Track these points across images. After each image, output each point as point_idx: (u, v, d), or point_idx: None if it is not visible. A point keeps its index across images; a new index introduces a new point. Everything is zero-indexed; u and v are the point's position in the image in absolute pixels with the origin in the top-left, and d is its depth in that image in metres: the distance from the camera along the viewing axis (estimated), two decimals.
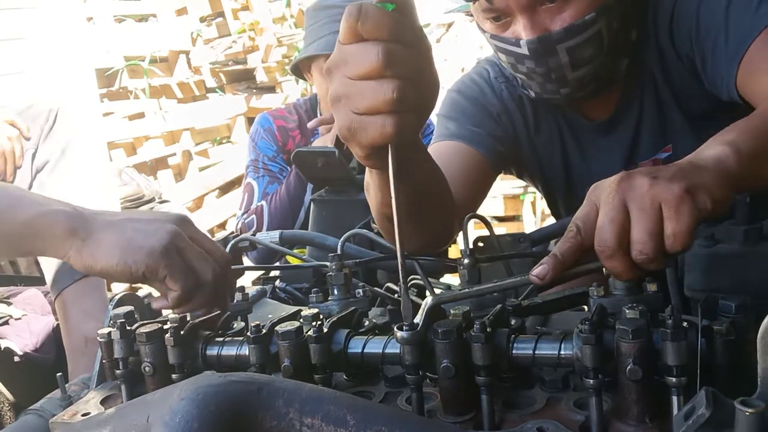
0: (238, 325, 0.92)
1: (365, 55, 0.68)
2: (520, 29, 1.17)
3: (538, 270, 0.74)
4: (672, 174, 0.70)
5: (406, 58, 0.69)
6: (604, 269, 0.73)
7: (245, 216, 2.06)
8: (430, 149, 1.29)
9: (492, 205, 4.60)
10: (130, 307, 0.91)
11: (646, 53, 1.26)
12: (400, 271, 0.74)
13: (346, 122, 0.72)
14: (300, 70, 2.13)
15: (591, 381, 0.65)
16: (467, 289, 0.81)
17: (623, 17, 1.21)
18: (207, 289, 0.89)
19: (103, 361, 0.90)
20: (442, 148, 1.32)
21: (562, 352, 0.69)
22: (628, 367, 0.64)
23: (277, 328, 0.78)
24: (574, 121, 1.37)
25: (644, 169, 0.73)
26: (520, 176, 1.53)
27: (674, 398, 0.64)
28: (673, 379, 0.63)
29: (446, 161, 1.21)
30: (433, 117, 1.27)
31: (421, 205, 0.97)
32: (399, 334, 0.71)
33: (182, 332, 0.82)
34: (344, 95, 0.71)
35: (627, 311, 0.68)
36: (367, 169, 0.87)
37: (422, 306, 0.72)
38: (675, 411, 0.63)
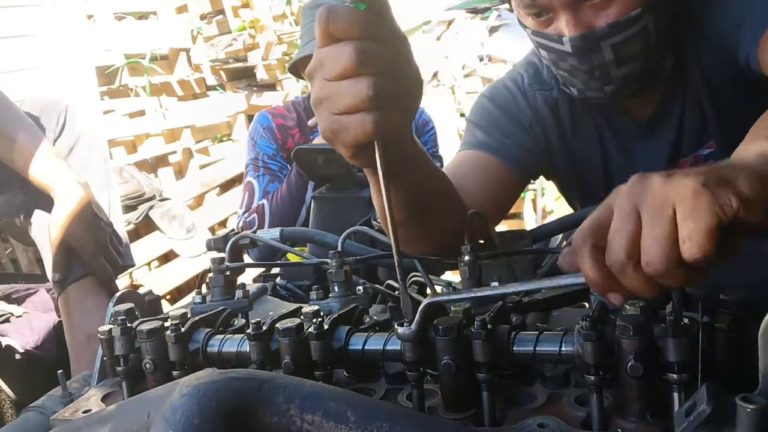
0: (239, 322, 0.92)
1: (339, 55, 0.68)
2: (563, 26, 1.15)
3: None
4: (691, 171, 0.59)
5: (381, 55, 0.69)
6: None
7: (246, 215, 2.06)
8: (457, 157, 1.31)
9: None
10: (130, 304, 0.91)
11: (688, 49, 1.24)
12: (397, 269, 0.74)
13: (328, 124, 0.72)
14: (298, 69, 2.13)
15: (592, 377, 0.65)
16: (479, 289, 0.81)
17: (670, 13, 1.18)
18: None
19: (104, 358, 0.90)
20: (468, 158, 1.30)
21: (562, 349, 0.69)
22: (629, 364, 0.64)
23: (277, 325, 0.78)
24: (615, 122, 1.34)
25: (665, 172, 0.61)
26: (549, 179, 1.50)
27: (675, 395, 0.64)
28: (674, 376, 0.63)
29: (470, 171, 1.24)
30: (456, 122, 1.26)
31: (422, 204, 0.95)
32: (399, 330, 0.71)
33: (183, 329, 0.82)
34: (324, 97, 0.71)
35: (628, 307, 0.68)
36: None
37: (421, 305, 0.72)
38: (676, 407, 0.63)
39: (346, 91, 0.69)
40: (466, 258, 0.88)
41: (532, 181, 1.43)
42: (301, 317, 0.81)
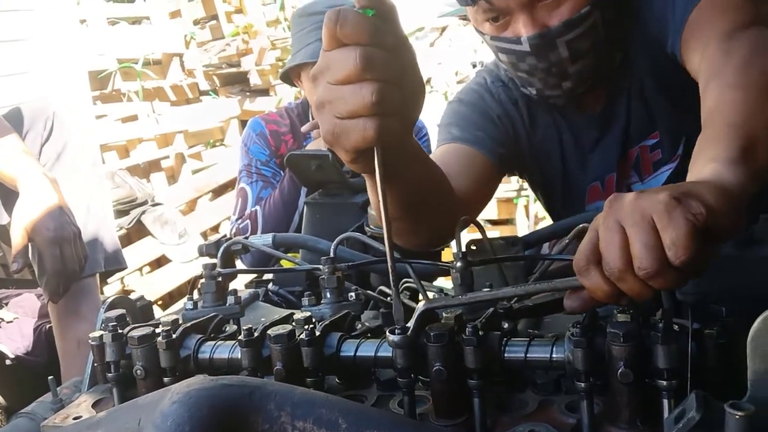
0: (231, 328, 0.92)
1: (345, 60, 0.68)
2: (520, 27, 1.20)
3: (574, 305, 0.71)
4: (660, 188, 0.66)
5: (386, 61, 0.69)
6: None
7: (239, 221, 2.05)
8: (434, 153, 1.33)
9: (486, 209, 4.59)
10: (122, 311, 0.91)
11: (633, 43, 1.29)
12: (390, 275, 0.74)
13: (329, 127, 0.72)
14: (290, 77, 2.13)
15: (582, 384, 0.65)
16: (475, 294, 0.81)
17: (615, 9, 1.24)
18: None
19: (95, 364, 0.90)
20: (446, 151, 1.33)
21: (553, 356, 0.70)
22: (620, 370, 0.64)
23: (269, 331, 0.78)
24: (570, 118, 1.39)
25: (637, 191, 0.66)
26: (522, 177, 1.55)
27: (665, 401, 0.64)
28: (664, 383, 0.64)
29: (450, 163, 1.25)
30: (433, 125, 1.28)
31: (418, 203, 0.97)
32: (390, 337, 0.71)
33: (174, 335, 0.82)
34: (327, 101, 0.72)
35: (618, 314, 0.68)
36: None
37: (415, 310, 0.72)
38: (666, 414, 0.64)
39: (350, 96, 0.69)
40: (458, 264, 0.88)
41: (507, 175, 1.47)
42: (293, 323, 0.81)
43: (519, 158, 1.43)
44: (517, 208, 4.59)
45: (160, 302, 3.95)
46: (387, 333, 0.71)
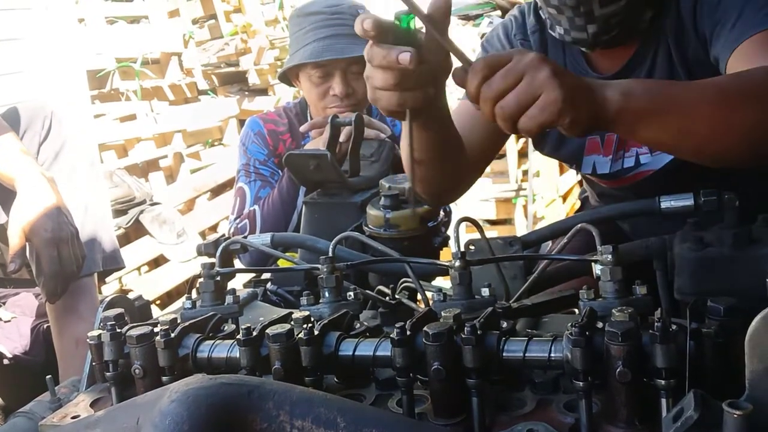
0: (229, 327, 0.92)
1: (378, 55, 0.92)
2: None
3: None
4: (575, 82, 0.89)
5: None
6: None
7: (238, 221, 2.05)
8: (458, 105, 1.52)
9: (484, 209, 4.60)
10: (120, 310, 0.91)
11: (666, 18, 1.29)
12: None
13: (370, 94, 0.97)
14: (288, 77, 2.12)
15: (581, 383, 0.66)
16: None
17: None
18: None
19: (93, 363, 0.90)
20: (461, 107, 1.49)
21: (552, 355, 0.70)
22: (618, 370, 0.64)
23: (268, 330, 0.78)
24: (584, 73, 1.41)
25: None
26: None
27: (663, 400, 0.65)
28: (662, 382, 0.64)
29: (463, 120, 1.42)
30: None
31: (440, 152, 1.19)
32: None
33: (173, 334, 0.82)
34: (368, 76, 0.95)
35: (616, 314, 0.68)
36: None
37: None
38: (664, 413, 0.64)
39: (380, 76, 0.93)
40: (457, 264, 0.88)
41: None
42: (292, 323, 0.81)
43: None
44: (516, 208, 4.58)
45: (158, 302, 3.95)
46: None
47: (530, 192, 4.49)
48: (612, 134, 1.42)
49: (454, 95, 4.66)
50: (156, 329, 0.83)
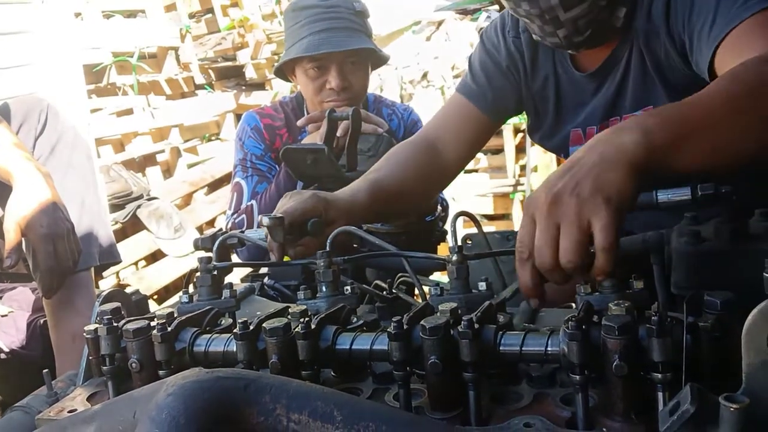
0: (226, 321, 0.92)
1: None
2: None
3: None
4: (589, 186, 0.78)
5: None
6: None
7: (235, 216, 2.05)
8: (452, 98, 1.61)
9: (482, 204, 4.61)
10: (117, 304, 0.91)
11: (638, 19, 1.30)
12: None
13: None
14: (284, 72, 2.12)
15: (577, 377, 0.66)
16: None
17: None
18: None
19: (90, 357, 0.90)
20: (454, 100, 1.59)
21: (548, 349, 0.70)
22: (614, 363, 0.64)
23: (264, 324, 0.78)
24: (568, 70, 1.46)
25: (566, 184, 0.79)
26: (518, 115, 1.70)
27: (659, 394, 0.65)
28: (659, 375, 0.64)
29: (452, 113, 1.56)
30: None
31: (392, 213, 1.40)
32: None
33: (169, 328, 0.82)
34: None
35: (613, 308, 0.68)
36: None
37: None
38: (660, 407, 0.64)
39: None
40: (454, 258, 0.88)
41: (504, 122, 1.75)
42: (289, 317, 0.81)
43: (519, 103, 1.57)
44: (513, 203, 4.59)
45: (155, 296, 3.95)
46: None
47: (528, 187, 4.49)
48: (592, 127, 1.45)
49: (451, 90, 4.67)
50: (153, 323, 0.83)
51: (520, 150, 4.59)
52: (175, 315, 0.88)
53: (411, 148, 1.51)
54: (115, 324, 0.85)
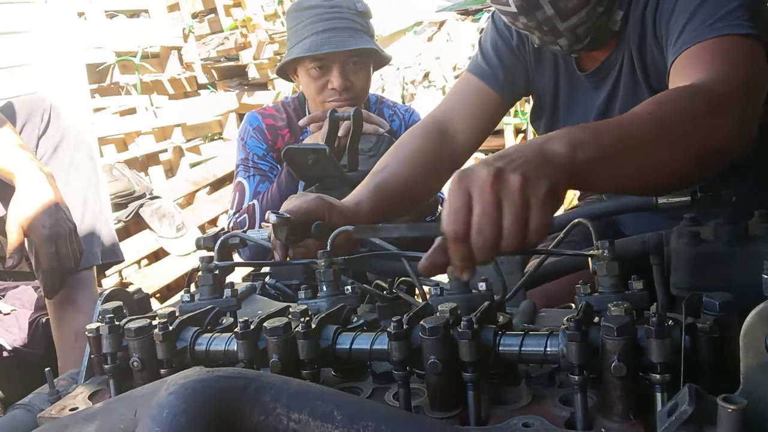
0: (227, 320, 0.92)
1: None
2: None
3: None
4: (535, 168, 0.77)
5: None
6: None
7: (237, 215, 2.05)
8: (463, 78, 1.59)
9: None
10: (119, 302, 0.91)
11: (631, 24, 1.31)
12: None
13: None
14: (286, 72, 2.12)
15: (576, 377, 0.66)
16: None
17: None
18: None
19: (92, 356, 0.90)
20: (464, 79, 1.57)
21: (548, 349, 0.70)
22: (613, 364, 0.65)
23: (265, 323, 0.78)
24: (570, 68, 1.46)
25: (509, 164, 0.77)
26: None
27: (658, 395, 0.65)
28: (657, 376, 0.64)
29: (464, 94, 1.54)
30: None
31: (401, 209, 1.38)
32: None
33: (171, 327, 0.82)
34: None
35: (612, 308, 0.68)
36: None
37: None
38: (659, 407, 0.64)
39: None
40: None
41: (516, 103, 1.67)
42: (289, 316, 0.81)
43: (528, 84, 1.56)
44: None
45: (157, 295, 3.95)
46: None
47: None
48: None
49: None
50: (154, 322, 0.83)
51: None
52: (177, 314, 0.88)
53: (421, 135, 1.47)
54: (116, 323, 0.85)
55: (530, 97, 1.62)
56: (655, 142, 0.89)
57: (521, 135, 4.56)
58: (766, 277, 0.73)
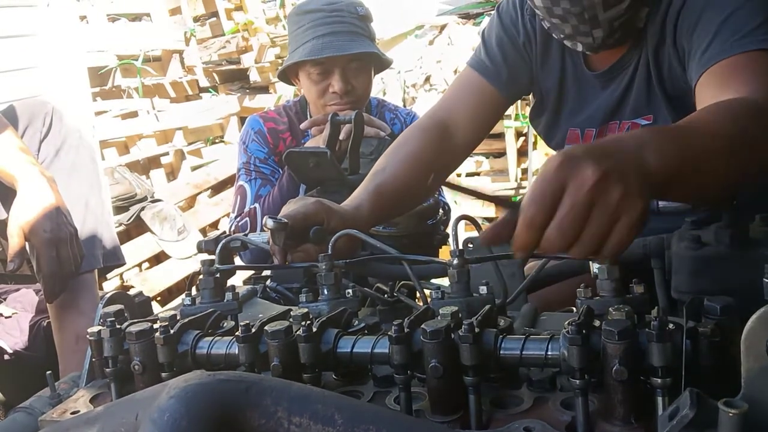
0: (228, 324, 0.92)
1: None
2: None
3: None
4: (635, 182, 0.73)
5: None
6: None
7: (238, 219, 2.05)
8: (464, 73, 1.56)
9: (484, 207, 4.61)
10: (120, 306, 0.91)
11: (651, 25, 1.30)
12: None
13: None
14: (287, 76, 2.12)
15: (577, 381, 0.66)
16: None
17: None
18: None
19: (93, 359, 0.90)
20: (465, 75, 1.55)
21: (549, 353, 0.70)
22: (614, 368, 0.64)
23: (266, 327, 0.78)
24: (578, 67, 1.45)
25: (614, 167, 0.73)
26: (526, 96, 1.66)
27: (659, 399, 0.65)
28: (658, 380, 0.64)
29: (465, 91, 1.52)
30: None
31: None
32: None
33: (172, 331, 0.82)
34: None
35: (613, 312, 0.68)
36: None
37: None
38: (660, 411, 0.64)
39: None
40: (455, 262, 0.89)
41: (517, 101, 1.68)
42: (290, 320, 0.81)
43: (531, 82, 1.54)
44: None
45: (158, 298, 3.95)
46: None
47: (528, 185, 4.50)
48: (591, 129, 1.45)
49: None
50: (155, 325, 0.83)
51: (522, 153, 4.60)
52: (178, 317, 0.88)
53: (420, 135, 1.46)
54: (118, 326, 0.85)
55: (530, 96, 1.61)
56: (726, 156, 0.87)
57: (522, 138, 4.56)
58: (766, 280, 0.73)
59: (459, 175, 4.77)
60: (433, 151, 1.44)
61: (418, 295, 1.07)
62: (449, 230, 1.29)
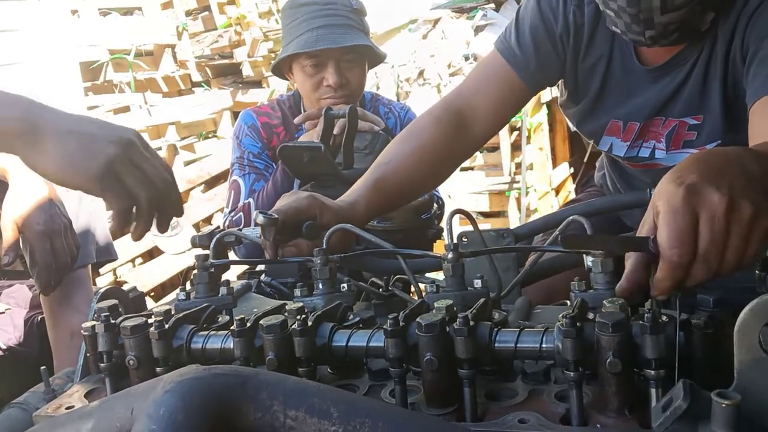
0: (223, 318, 0.92)
1: None
2: None
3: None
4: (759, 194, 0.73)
5: None
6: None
7: (232, 214, 2.05)
8: (491, 55, 1.50)
9: (478, 201, 4.62)
10: (114, 301, 0.91)
11: (723, 25, 1.28)
12: None
13: None
14: (281, 69, 2.12)
15: (572, 374, 0.66)
16: None
17: None
18: (143, 210, 1.03)
19: (88, 354, 0.90)
20: (491, 60, 1.49)
21: (543, 345, 0.70)
22: (608, 360, 0.65)
23: (261, 321, 0.78)
24: (627, 60, 1.41)
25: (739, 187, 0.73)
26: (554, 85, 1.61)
27: (653, 390, 0.65)
28: (652, 372, 0.65)
29: (488, 79, 1.46)
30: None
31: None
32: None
33: (167, 325, 0.82)
34: None
35: (607, 305, 0.69)
36: None
37: None
38: (653, 403, 0.65)
39: None
40: (450, 256, 0.89)
41: (540, 90, 1.57)
42: (285, 314, 0.82)
43: (560, 76, 1.50)
44: (509, 201, 4.60)
45: (152, 293, 3.95)
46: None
47: (523, 185, 4.51)
48: (635, 123, 1.42)
49: (448, 88, 4.67)
50: (150, 320, 0.83)
51: (516, 148, 4.60)
52: (173, 312, 0.88)
53: (434, 125, 1.41)
54: (112, 321, 0.85)
55: (561, 83, 1.55)
56: None
57: (516, 132, 4.56)
58: (759, 273, 0.74)
59: None
60: (446, 145, 1.40)
61: (412, 289, 1.07)
62: (443, 224, 1.29)
